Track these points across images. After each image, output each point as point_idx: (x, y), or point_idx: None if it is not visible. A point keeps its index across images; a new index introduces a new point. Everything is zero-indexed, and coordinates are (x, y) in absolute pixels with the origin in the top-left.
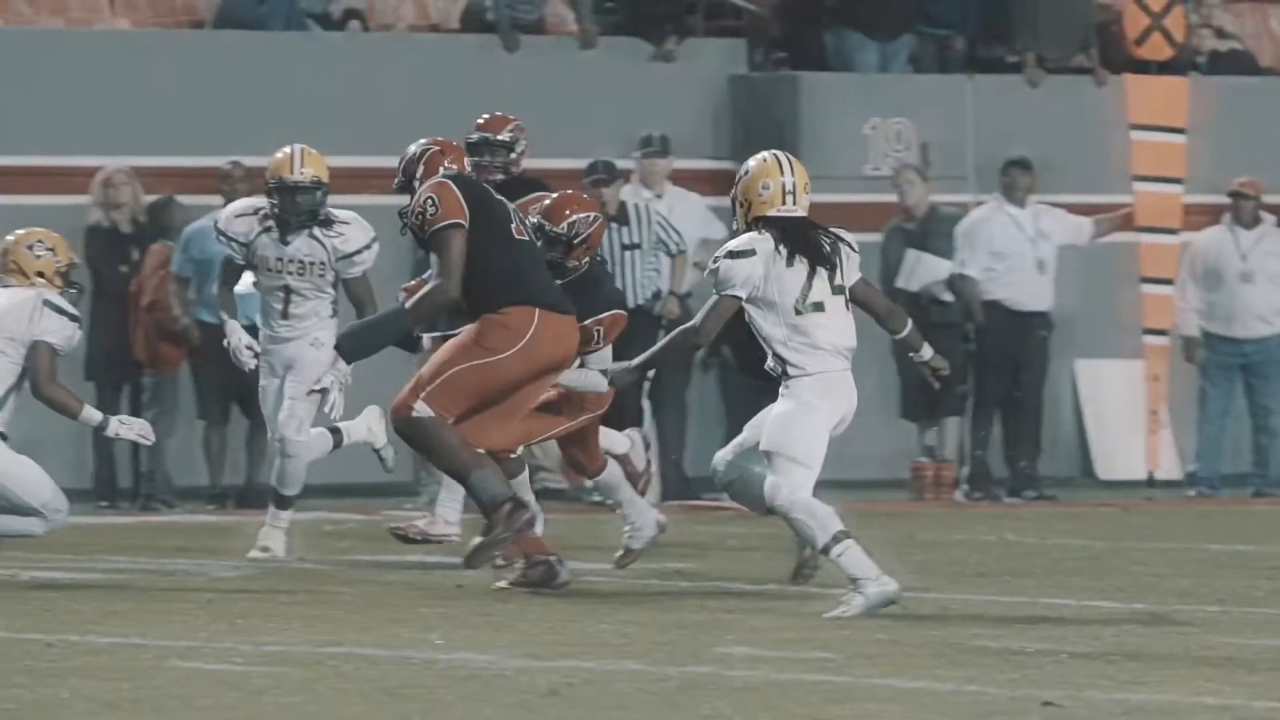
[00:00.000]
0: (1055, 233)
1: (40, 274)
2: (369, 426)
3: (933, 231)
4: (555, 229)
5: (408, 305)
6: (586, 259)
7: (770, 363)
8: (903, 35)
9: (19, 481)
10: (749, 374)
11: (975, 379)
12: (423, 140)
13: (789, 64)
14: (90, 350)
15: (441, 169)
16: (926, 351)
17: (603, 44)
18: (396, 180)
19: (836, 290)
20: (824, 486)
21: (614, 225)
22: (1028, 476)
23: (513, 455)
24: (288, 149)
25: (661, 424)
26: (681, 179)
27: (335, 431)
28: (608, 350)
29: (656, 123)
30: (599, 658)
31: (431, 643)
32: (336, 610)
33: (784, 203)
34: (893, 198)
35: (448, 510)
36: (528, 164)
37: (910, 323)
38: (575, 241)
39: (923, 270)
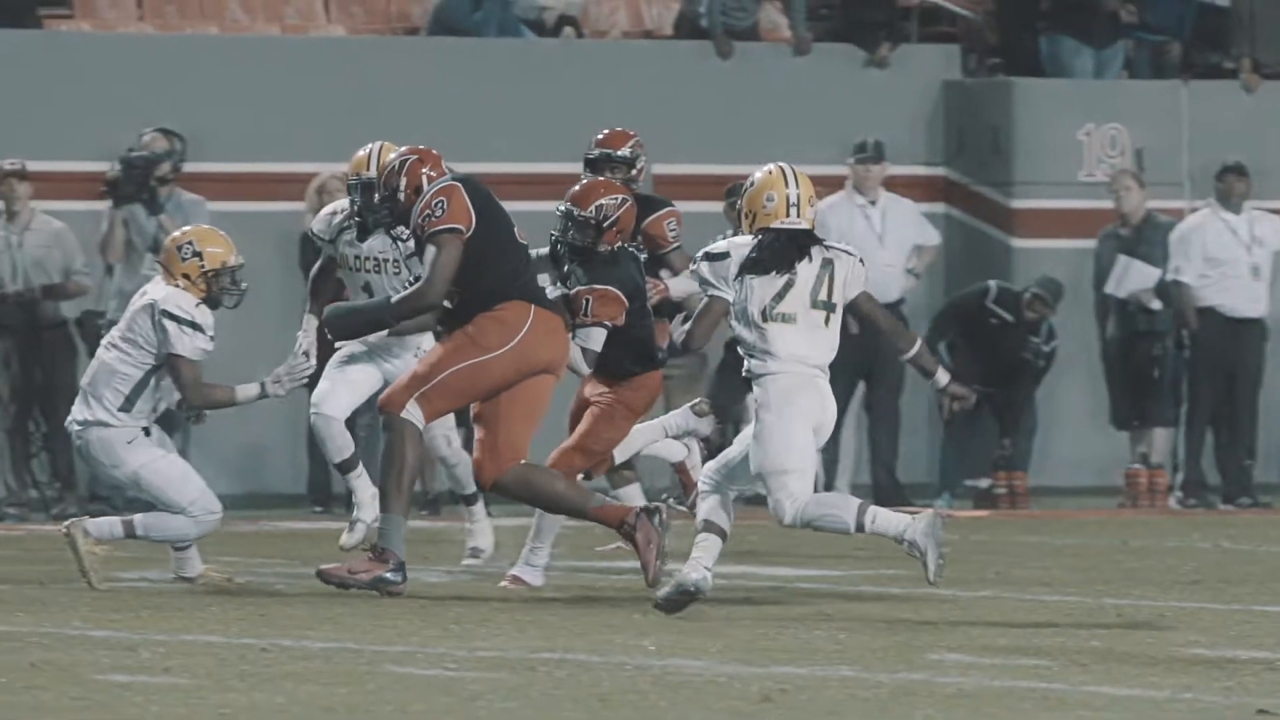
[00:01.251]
0: (1271, 238)
1: (185, 276)
2: None
3: (1147, 239)
4: (583, 214)
5: (392, 301)
6: (619, 242)
7: (742, 353)
8: (1118, 41)
9: (162, 478)
10: (969, 378)
11: (1189, 386)
12: (401, 150)
13: (1003, 70)
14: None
15: (422, 175)
16: (943, 377)
17: (816, 50)
18: (378, 194)
19: (820, 305)
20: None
21: None
22: (1243, 483)
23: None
24: (368, 146)
25: (874, 431)
26: (894, 185)
27: None
28: (599, 332)
29: (870, 129)
30: (811, 664)
31: (645, 648)
32: (549, 616)
33: (788, 215)
34: (1107, 204)
35: None
36: (738, 169)
37: (920, 343)
38: (605, 225)
39: (1132, 277)
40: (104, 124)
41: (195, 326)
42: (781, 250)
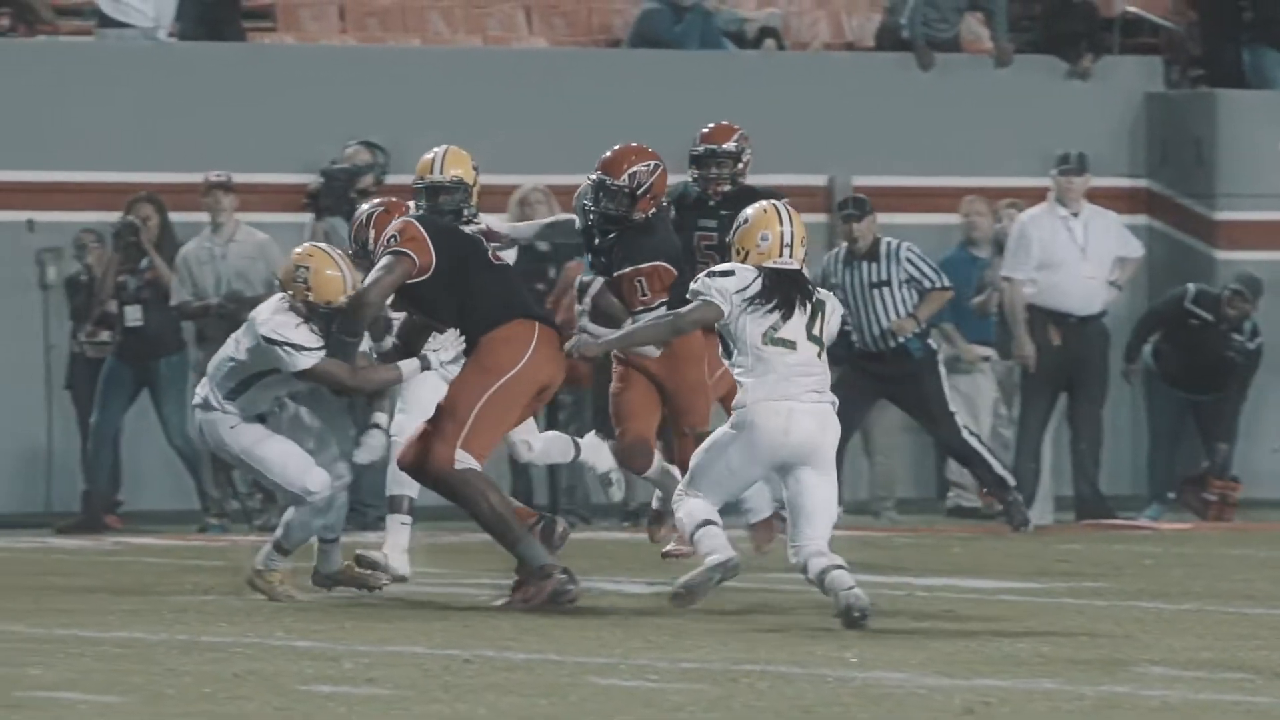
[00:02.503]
0: None
1: (294, 295)
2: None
3: None
4: (616, 182)
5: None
6: (653, 209)
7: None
8: None
9: (267, 461)
10: (1176, 384)
11: None
12: (367, 205)
13: (1206, 81)
14: None
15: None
16: None
17: (1018, 62)
18: (350, 248)
19: (813, 339)
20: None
21: (863, 262)
22: None
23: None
24: (434, 150)
25: (1076, 443)
26: (1097, 197)
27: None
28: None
29: (1071, 140)
30: (1014, 676)
31: (847, 660)
32: (751, 627)
33: (781, 254)
34: None
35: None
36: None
37: None
38: (639, 193)
39: None
40: (307, 136)
41: (296, 347)
42: (787, 291)
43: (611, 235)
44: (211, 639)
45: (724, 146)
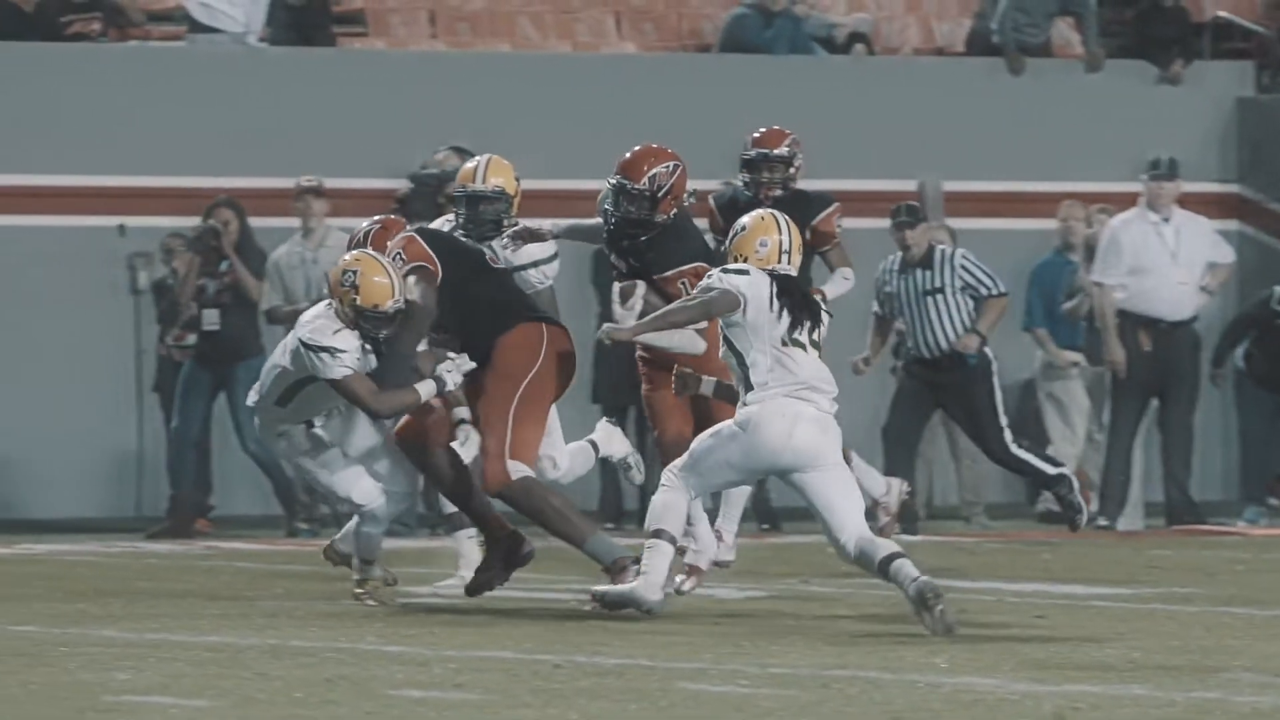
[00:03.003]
0: None
1: (340, 300)
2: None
3: None
4: (636, 186)
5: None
6: (674, 210)
7: (739, 386)
8: None
9: (320, 472)
10: (1265, 387)
11: None
12: (365, 223)
13: None
14: (596, 376)
15: (386, 245)
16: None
17: (1109, 67)
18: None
19: (814, 344)
20: None
21: (918, 270)
22: None
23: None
24: (476, 159)
25: (1166, 449)
26: (1188, 202)
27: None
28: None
29: (1162, 146)
30: (1104, 682)
31: (937, 666)
32: (841, 632)
33: (779, 260)
34: None
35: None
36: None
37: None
38: (660, 195)
39: None
40: (397, 141)
41: (331, 352)
42: (795, 295)
43: (641, 239)
44: (302, 643)
45: (776, 151)
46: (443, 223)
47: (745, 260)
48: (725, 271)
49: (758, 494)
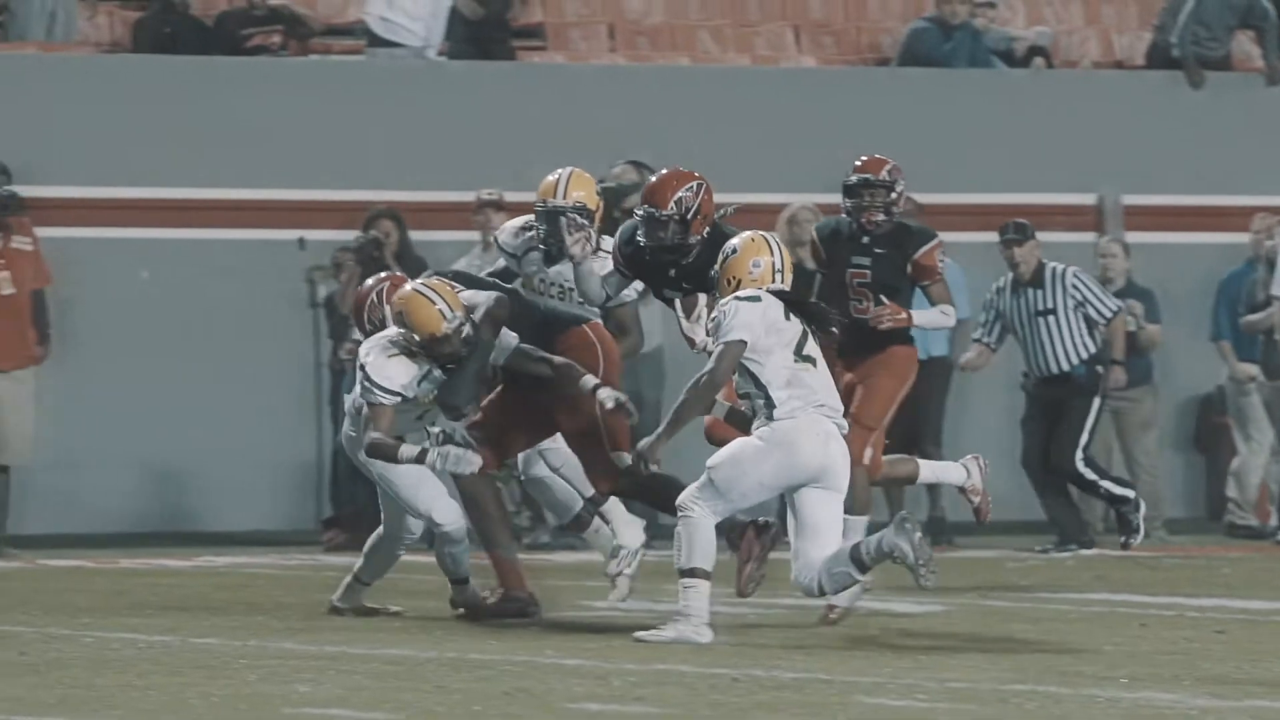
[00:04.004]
0: None
1: (405, 327)
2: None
3: None
4: (664, 212)
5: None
6: (705, 229)
7: (756, 404)
8: None
9: (398, 485)
10: None
11: None
12: (371, 281)
13: None
14: None
15: (367, 311)
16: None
17: None
18: (363, 328)
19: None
20: None
21: (1029, 289)
22: None
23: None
24: (557, 172)
25: None
26: None
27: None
28: None
29: None
30: None
31: (1117, 680)
32: (1020, 647)
33: (773, 280)
34: None
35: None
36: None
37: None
38: (689, 217)
39: None
40: (576, 155)
41: (370, 379)
42: (813, 305)
43: (682, 262)
44: (481, 656)
45: (877, 177)
46: (519, 226)
47: (739, 283)
48: (739, 299)
49: (932, 511)
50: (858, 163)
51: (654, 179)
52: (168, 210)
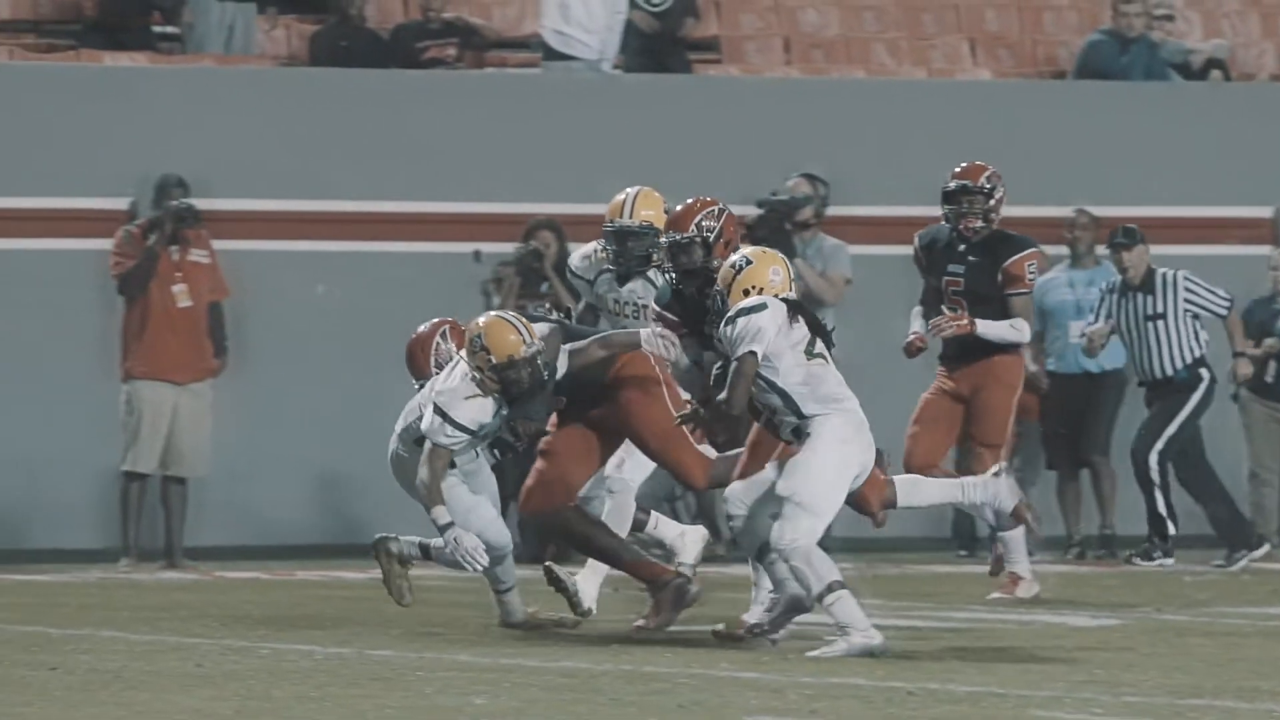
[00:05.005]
0: None
1: (479, 369)
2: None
3: None
4: (685, 236)
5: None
6: (731, 253)
7: (783, 416)
8: None
9: (450, 509)
10: None
11: None
12: (424, 327)
13: None
14: None
15: (434, 350)
16: None
17: None
18: (430, 368)
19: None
20: None
21: (1138, 294)
22: None
23: None
24: (625, 192)
25: None
26: None
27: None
28: None
29: None
30: None
31: None
32: (1197, 661)
33: (789, 289)
34: None
35: (1020, 566)
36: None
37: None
38: (712, 241)
39: None
40: (751, 167)
41: (446, 419)
42: (804, 314)
43: (709, 288)
44: (655, 669)
45: (976, 183)
46: (591, 249)
47: (760, 291)
48: (744, 312)
49: (1102, 527)
50: (956, 169)
51: (674, 212)
52: (343, 223)
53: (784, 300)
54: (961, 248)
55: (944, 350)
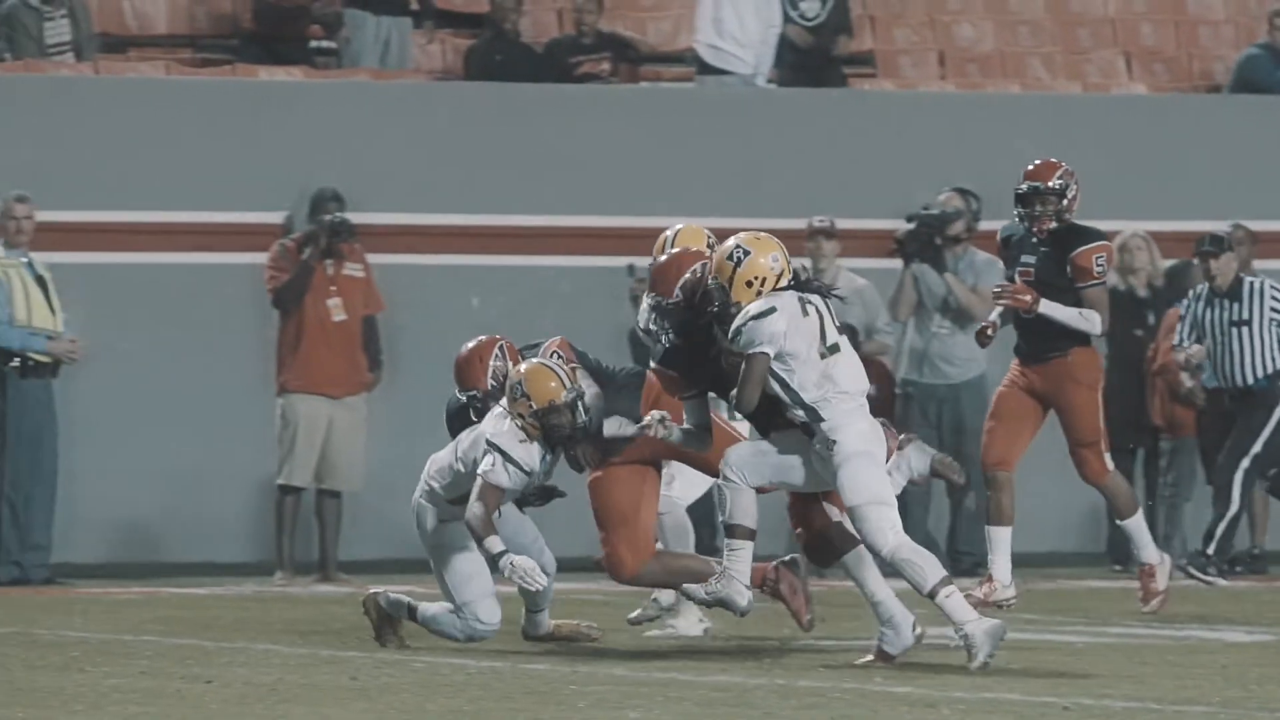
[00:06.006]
0: None
1: (520, 415)
2: None
3: None
4: (670, 301)
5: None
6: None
7: (797, 414)
8: None
9: (450, 567)
10: None
11: None
12: (473, 342)
13: None
14: (1108, 414)
15: (492, 360)
16: None
17: None
18: (506, 395)
19: (841, 330)
20: None
21: (1224, 300)
22: None
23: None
24: (667, 230)
25: None
26: None
27: None
28: None
29: None
30: None
31: None
32: None
33: (788, 270)
34: None
35: (1002, 572)
36: None
37: None
38: (698, 300)
39: None
40: (904, 182)
41: (510, 460)
42: (814, 281)
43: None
44: (809, 684)
45: (1048, 184)
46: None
47: (764, 280)
48: (754, 318)
49: (1251, 546)
50: (1028, 169)
51: (657, 267)
52: (497, 237)
53: (790, 287)
54: (1035, 239)
55: (1018, 344)
